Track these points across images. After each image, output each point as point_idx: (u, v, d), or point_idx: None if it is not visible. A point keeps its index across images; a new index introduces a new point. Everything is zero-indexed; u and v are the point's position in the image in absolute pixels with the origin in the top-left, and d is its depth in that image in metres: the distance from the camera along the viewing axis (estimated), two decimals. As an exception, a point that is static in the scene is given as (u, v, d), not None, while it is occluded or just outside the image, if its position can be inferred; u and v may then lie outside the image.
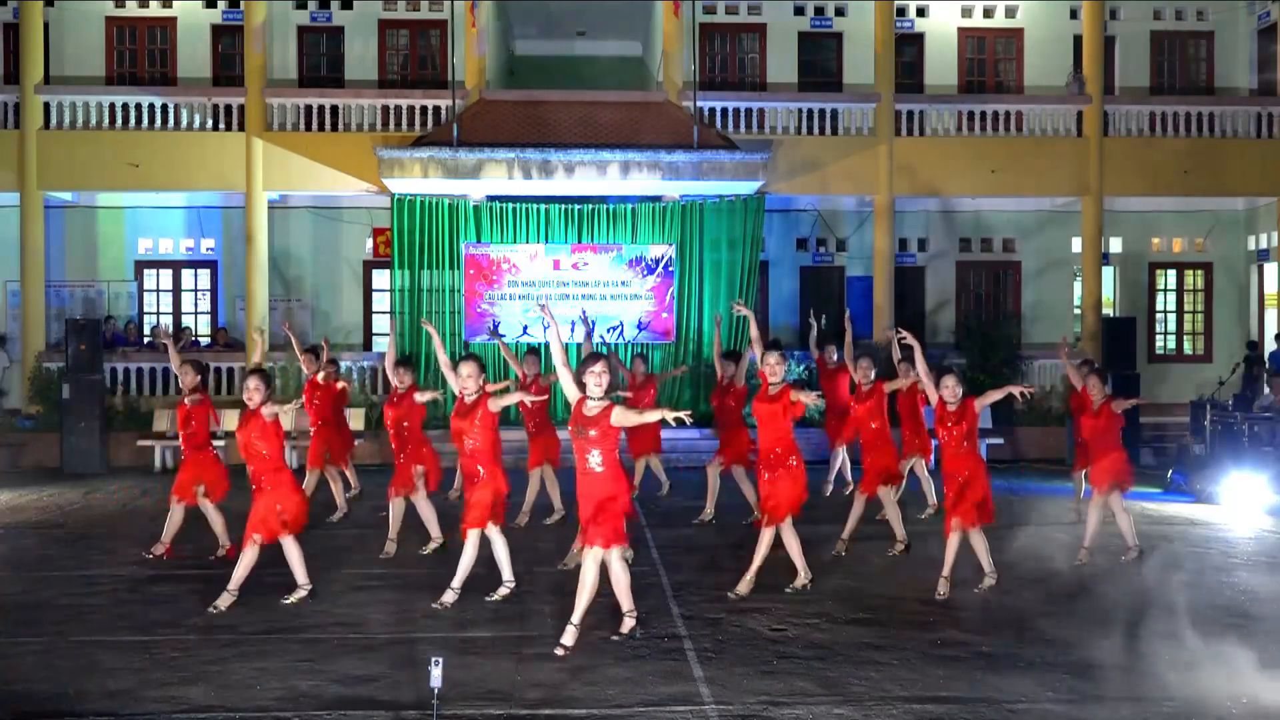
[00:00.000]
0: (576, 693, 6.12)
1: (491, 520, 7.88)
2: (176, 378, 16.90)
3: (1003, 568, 8.95)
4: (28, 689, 6.21)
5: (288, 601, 7.93)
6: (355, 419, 16.05)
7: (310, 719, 5.75)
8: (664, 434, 12.80)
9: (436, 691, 5.44)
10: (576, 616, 6.86)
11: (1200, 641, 6.86)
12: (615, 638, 7.02)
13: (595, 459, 6.83)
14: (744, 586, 8.22)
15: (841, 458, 12.87)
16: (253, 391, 7.85)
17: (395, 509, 9.70)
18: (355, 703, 5.96)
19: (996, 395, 8.27)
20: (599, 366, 6.87)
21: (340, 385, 11.58)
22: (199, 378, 9.58)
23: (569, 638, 6.82)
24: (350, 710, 5.85)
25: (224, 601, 7.82)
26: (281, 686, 6.22)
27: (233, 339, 19.02)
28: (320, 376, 11.50)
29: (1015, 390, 8.25)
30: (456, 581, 7.91)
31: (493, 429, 7.94)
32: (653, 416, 6.86)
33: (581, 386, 6.86)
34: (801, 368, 16.97)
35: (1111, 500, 9.54)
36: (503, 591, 8.05)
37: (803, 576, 8.35)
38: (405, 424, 9.59)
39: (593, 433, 6.78)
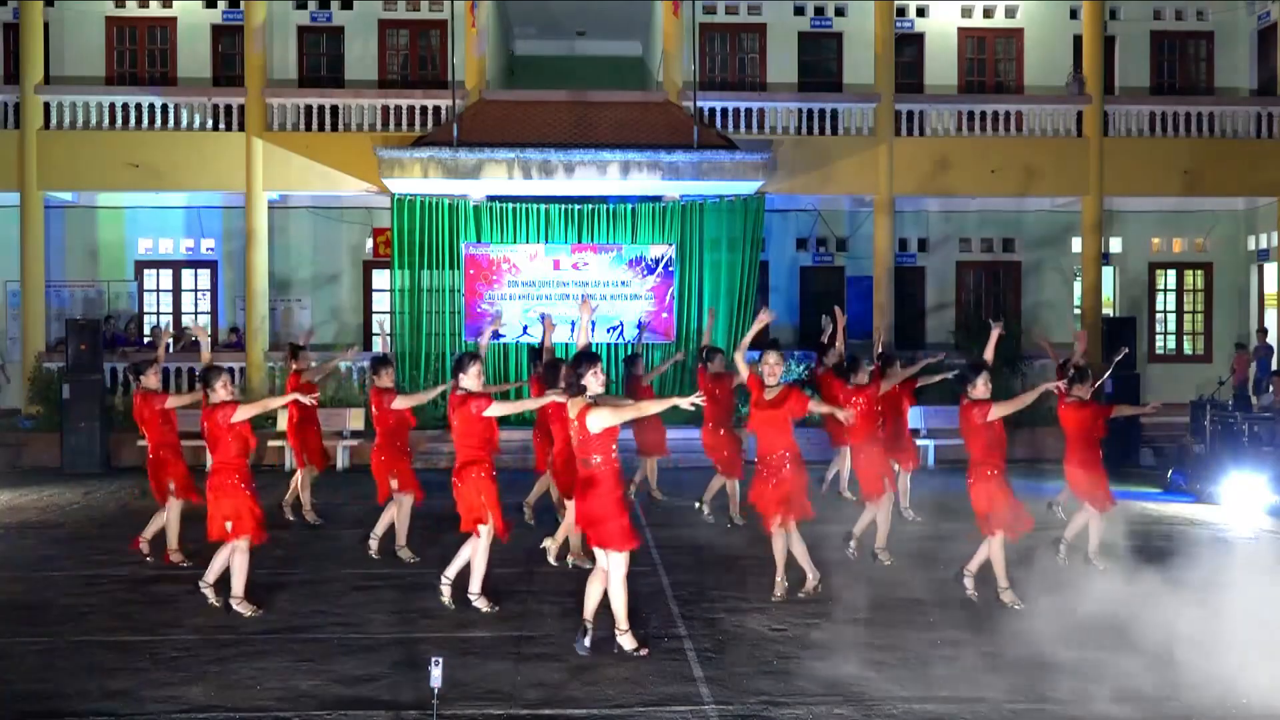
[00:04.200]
0: (576, 693, 6.12)
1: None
2: (174, 378, 17.06)
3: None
4: (28, 689, 6.21)
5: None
6: (355, 419, 16.07)
7: (310, 719, 5.75)
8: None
9: (436, 691, 5.44)
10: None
11: (1200, 640, 6.85)
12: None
13: (597, 460, 6.74)
14: (779, 589, 8.16)
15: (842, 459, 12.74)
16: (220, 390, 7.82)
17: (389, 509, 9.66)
18: (355, 703, 5.96)
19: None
20: (600, 366, 6.83)
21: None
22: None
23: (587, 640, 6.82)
24: (350, 710, 5.85)
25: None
26: (281, 686, 6.23)
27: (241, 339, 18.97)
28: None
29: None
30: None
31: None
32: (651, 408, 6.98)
33: (578, 389, 6.77)
34: (802, 367, 16.96)
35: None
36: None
37: (811, 579, 8.26)
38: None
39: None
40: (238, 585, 7.75)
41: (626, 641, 6.79)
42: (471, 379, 7.76)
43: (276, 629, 7.39)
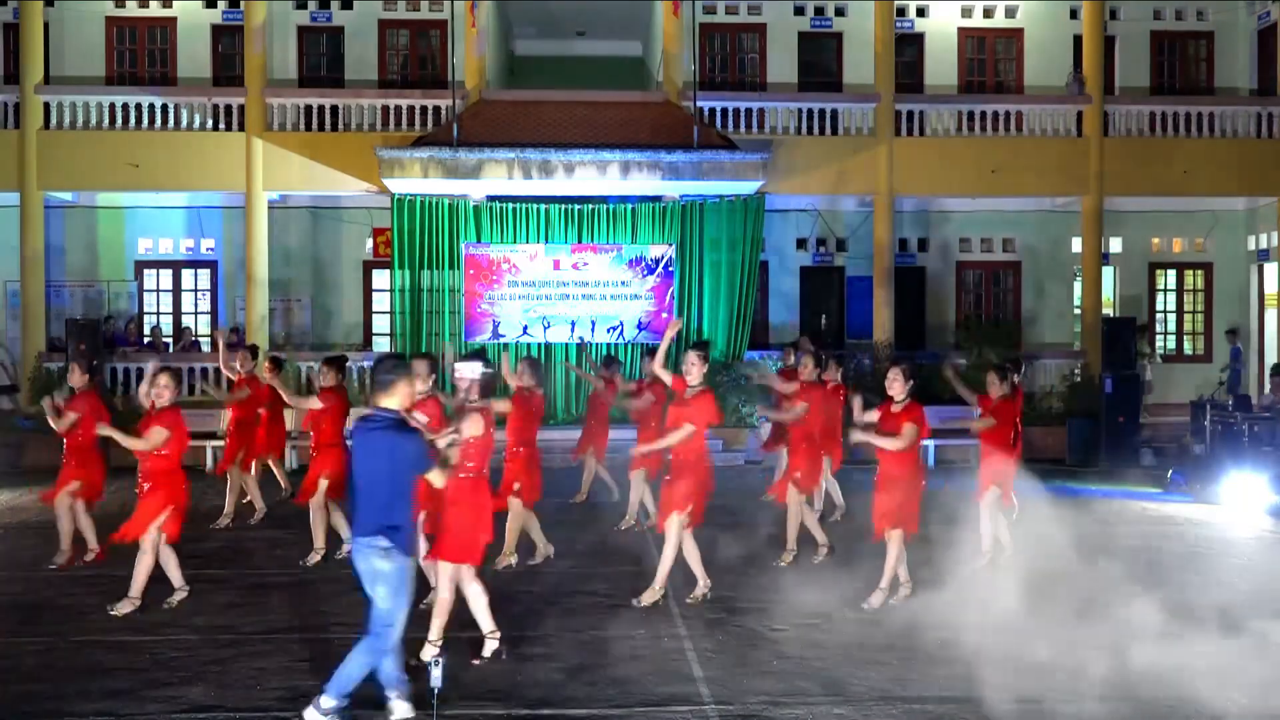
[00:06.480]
0: (576, 693, 6.12)
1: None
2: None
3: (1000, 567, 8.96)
4: (28, 689, 6.21)
5: (168, 606, 7.87)
6: (354, 418, 16.02)
7: (310, 719, 5.75)
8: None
9: (436, 691, 5.44)
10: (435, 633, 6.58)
11: (1196, 638, 6.85)
12: (476, 662, 6.60)
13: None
14: (649, 596, 7.98)
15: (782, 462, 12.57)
16: (164, 390, 7.84)
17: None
18: (355, 702, 5.96)
19: None
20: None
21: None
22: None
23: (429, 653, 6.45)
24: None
25: (125, 608, 7.78)
26: (281, 686, 6.23)
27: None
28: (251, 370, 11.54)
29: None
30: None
31: None
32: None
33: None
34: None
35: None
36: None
37: (701, 586, 8.14)
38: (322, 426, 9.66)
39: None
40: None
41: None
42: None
43: (276, 629, 7.39)
